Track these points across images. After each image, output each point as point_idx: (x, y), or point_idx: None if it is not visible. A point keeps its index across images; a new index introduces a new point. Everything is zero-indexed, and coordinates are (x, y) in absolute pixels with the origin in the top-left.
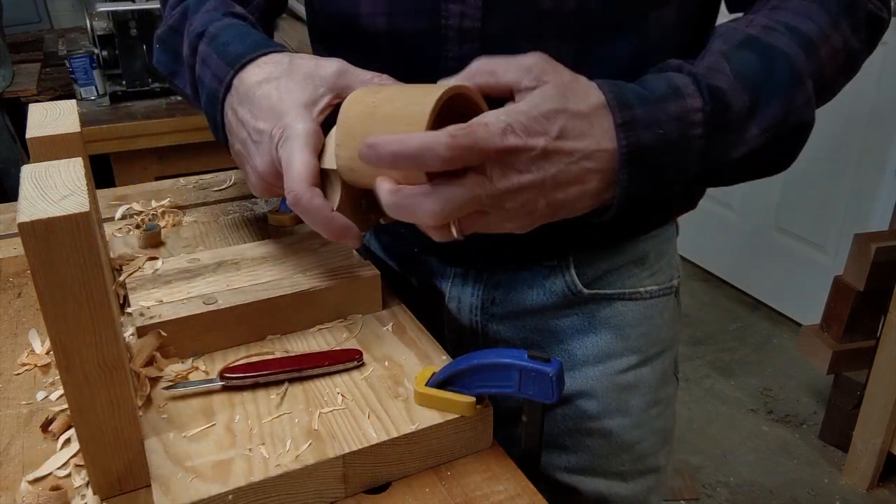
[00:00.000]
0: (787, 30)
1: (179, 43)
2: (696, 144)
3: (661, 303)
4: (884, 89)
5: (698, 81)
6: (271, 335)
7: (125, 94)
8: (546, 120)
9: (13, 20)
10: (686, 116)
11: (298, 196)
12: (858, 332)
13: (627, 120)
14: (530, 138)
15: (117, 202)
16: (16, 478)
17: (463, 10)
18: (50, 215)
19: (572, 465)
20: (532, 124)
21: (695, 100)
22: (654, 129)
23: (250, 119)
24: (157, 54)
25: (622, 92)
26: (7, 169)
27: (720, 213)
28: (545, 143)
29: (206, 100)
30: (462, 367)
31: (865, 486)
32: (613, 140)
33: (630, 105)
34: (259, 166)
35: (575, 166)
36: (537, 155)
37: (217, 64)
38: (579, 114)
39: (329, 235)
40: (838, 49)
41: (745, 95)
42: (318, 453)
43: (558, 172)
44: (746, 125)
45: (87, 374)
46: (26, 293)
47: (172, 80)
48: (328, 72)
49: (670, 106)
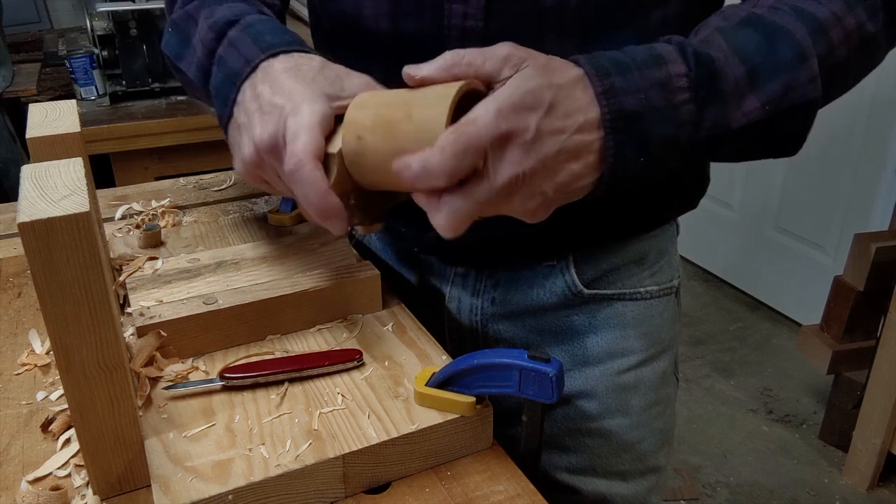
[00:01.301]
0: (794, 10)
1: (192, 28)
2: (685, 111)
3: (661, 303)
4: (883, 88)
5: (683, 49)
6: (271, 335)
7: (125, 94)
8: (533, 97)
9: (13, 20)
10: (669, 82)
11: (302, 163)
12: (858, 332)
13: (607, 88)
14: (521, 120)
15: (117, 202)
16: (16, 478)
17: (465, 9)
18: (50, 215)
19: (572, 465)
20: (520, 105)
21: (678, 66)
22: (637, 94)
23: (268, 93)
24: (166, 38)
25: (599, 62)
26: (7, 169)
27: (720, 213)
28: (536, 123)
29: (224, 78)
30: (462, 367)
31: (865, 486)
32: (595, 109)
33: (608, 73)
34: (259, 135)
35: (570, 141)
36: (532, 137)
37: (250, 48)
38: (563, 87)
39: (318, 213)
40: (851, 33)
41: (742, 67)
42: (318, 453)
43: (556, 152)
44: (744, 96)
45: (87, 374)
46: (26, 293)
47: (177, 62)
48: (356, 82)
49: (652, 72)
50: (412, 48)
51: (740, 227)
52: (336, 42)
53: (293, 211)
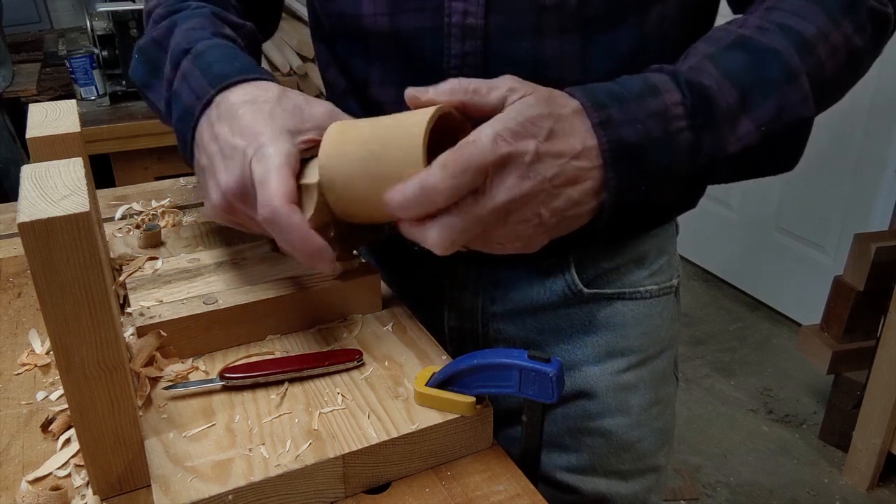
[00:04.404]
0: (780, 29)
1: (161, 56)
2: (683, 139)
3: (660, 302)
4: (883, 88)
5: (676, 77)
6: (271, 335)
7: (125, 94)
8: (532, 124)
9: (13, 20)
10: (666, 111)
11: (276, 211)
12: (858, 332)
13: (604, 119)
14: (520, 143)
15: (117, 202)
16: (16, 478)
17: (466, 7)
18: (50, 215)
19: (572, 465)
20: (520, 129)
21: (673, 94)
22: (635, 125)
23: (227, 134)
24: (134, 64)
25: (595, 94)
26: (7, 169)
27: (720, 213)
28: (535, 146)
29: (180, 115)
30: (462, 367)
31: (865, 486)
32: (591, 139)
33: (604, 105)
34: (225, 182)
35: (569, 166)
36: (531, 160)
37: (199, 82)
38: (563, 116)
39: (304, 256)
40: (838, 47)
41: (734, 92)
42: (318, 453)
43: (554, 176)
44: (738, 121)
45: (87, 374)
46: (26, 293)
47: (146, 91)
48: (318, 111)
49: (648, 103)
50: (411, 46)
51: (740, 227)
52: (335, 41)
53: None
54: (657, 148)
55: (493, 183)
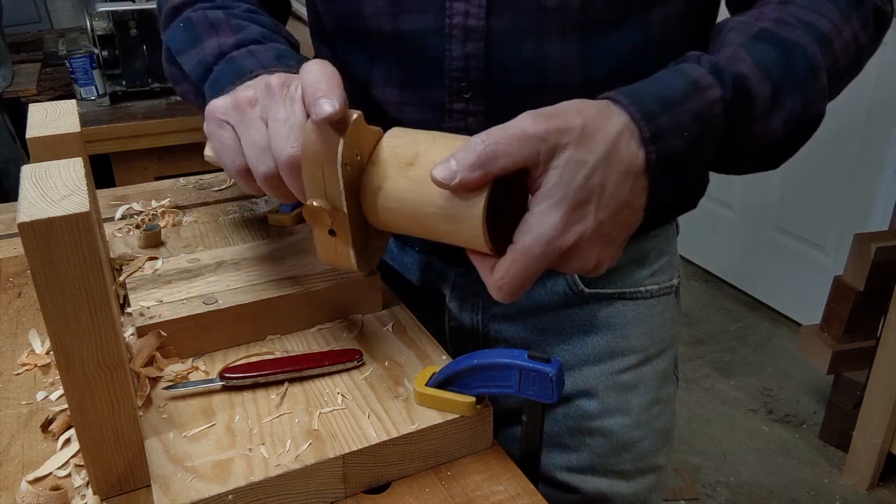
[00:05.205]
0: (800, 24)
1: (207, 33)
2: (717, 137)
3: (661, 302)
4: (882, 88)
5: (719, 70)
6: (271, 335)
7: (125, 94)
8: (584, 192)
9: (13, 20)
10: (707, 110)
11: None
12: (858, 332)
13: (654, 132)
14: (577, 224)
15: (117, 202)
16: (16, 478)
17: (467, 8)
18: (50, 215)
19: (573, 465)
20: (573, 210)
21: (714, 90)
22: (681, 133)
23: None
24: (175, 30)
25: (644, 101)
26: (7, 169)
27: (720, 213)
28: (594, 212)
29: (230, 71)
30: (462, 367)
31: (865, 486)
32: (641, 156)
33: (655, 115)
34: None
35: (624, 201)
36: (593, 229)
37: (270, 60)
38: (608, 155)
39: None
40: (849, 43)
41: (768, 86)
42: (318, 453)
43: (613, 222)
44: (768, 116)
45: (87, 374)
46: (26, 293)
47: (177, 56)
48: None
49: (692, 104)
50: (413, 47)
51: (740, 227)
52: (336, 42)
53: (293, 211)
54: (696, 151)
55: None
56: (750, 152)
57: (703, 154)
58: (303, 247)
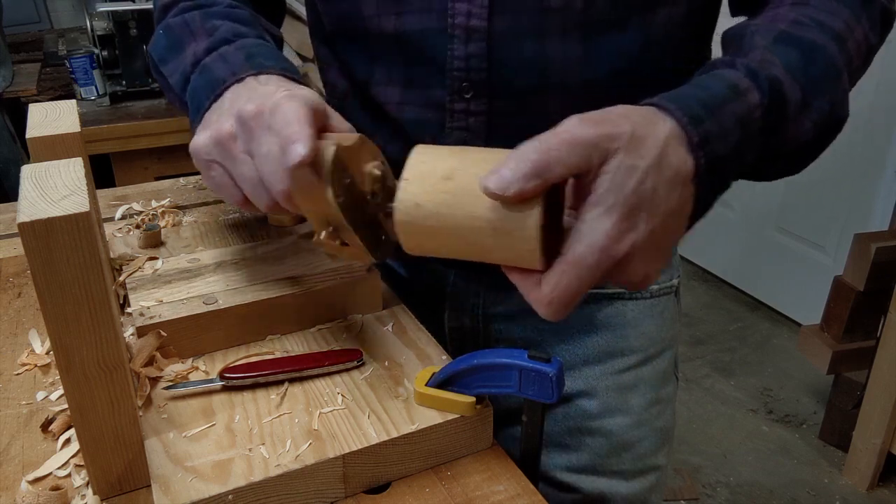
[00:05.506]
0: (817, 24)
1: (186, 38)
2: (756, 142)
3: (661, 302)
4: (883, 89)
5: (756, 75)
6: (271, 335)
7: (125, 94)
8: (636, 198)
9: (13, 20)
10: (747, 115)
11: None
12: (858, 332)
13: (703, 137)
14: (629, 233)
15: (117, 202)
16: (16, 478)
17: (470, 8)
18: (50, 215)
19: (573, 465)
20: (625, 218)
21: (753, 95)
22: (727, 139)
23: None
24: (156, 38)
25: (690, 106)
26: (7, 169)
27: (720, 213)
28: (646, 220)
29: (204, 83)
30: (462, 367)
31: (865, 486)
32: (690, 162)
33: (701, 120)
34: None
35: (675, 208)
36: (644, 237)
37: (240, 63)
38: (658, 162)
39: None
40: (861, 43)
41: (797, 88)
42: (318, 453)
43: (663, 229)
44: (801, 119)
45: (87, 374)
46: (26, 293)
47: (161, 65)
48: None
49: (734, 108)
50: (414, 47)
51: (740, 227)
52: (336, 42)
53: None
54: (736, 156)
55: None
56: (783, 155)
57: (743, 158)
58: (303, 247)
